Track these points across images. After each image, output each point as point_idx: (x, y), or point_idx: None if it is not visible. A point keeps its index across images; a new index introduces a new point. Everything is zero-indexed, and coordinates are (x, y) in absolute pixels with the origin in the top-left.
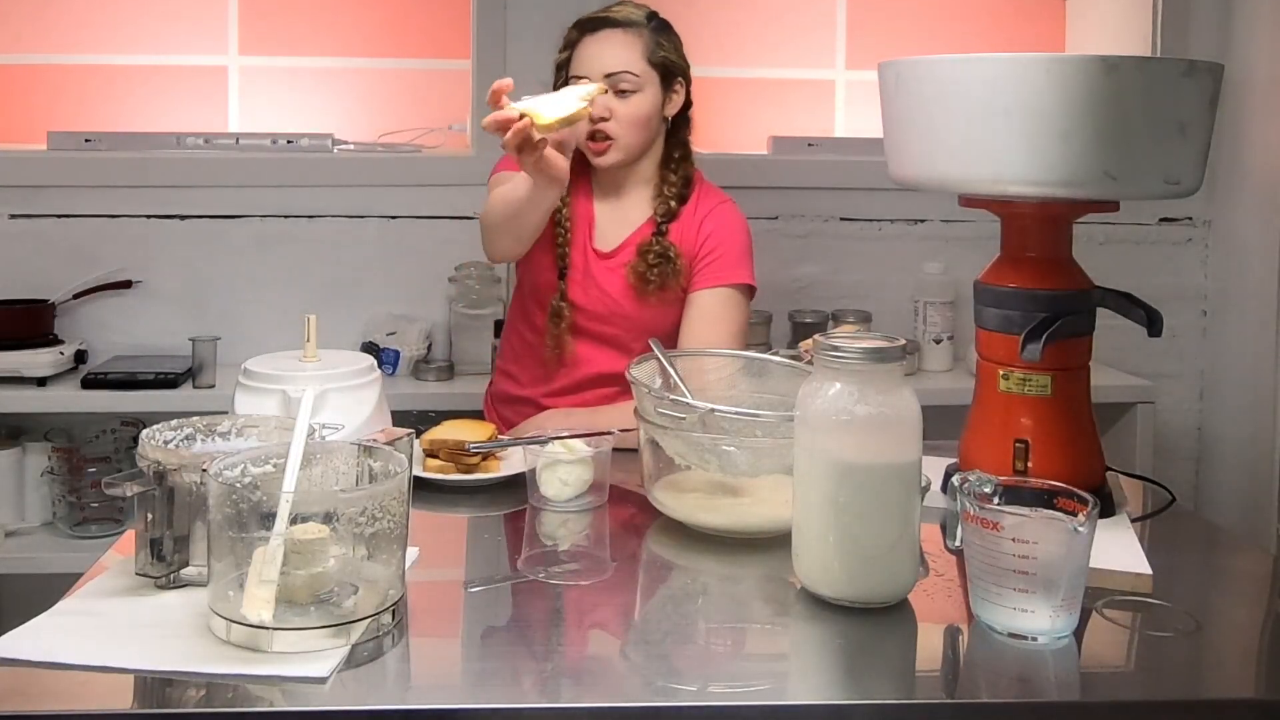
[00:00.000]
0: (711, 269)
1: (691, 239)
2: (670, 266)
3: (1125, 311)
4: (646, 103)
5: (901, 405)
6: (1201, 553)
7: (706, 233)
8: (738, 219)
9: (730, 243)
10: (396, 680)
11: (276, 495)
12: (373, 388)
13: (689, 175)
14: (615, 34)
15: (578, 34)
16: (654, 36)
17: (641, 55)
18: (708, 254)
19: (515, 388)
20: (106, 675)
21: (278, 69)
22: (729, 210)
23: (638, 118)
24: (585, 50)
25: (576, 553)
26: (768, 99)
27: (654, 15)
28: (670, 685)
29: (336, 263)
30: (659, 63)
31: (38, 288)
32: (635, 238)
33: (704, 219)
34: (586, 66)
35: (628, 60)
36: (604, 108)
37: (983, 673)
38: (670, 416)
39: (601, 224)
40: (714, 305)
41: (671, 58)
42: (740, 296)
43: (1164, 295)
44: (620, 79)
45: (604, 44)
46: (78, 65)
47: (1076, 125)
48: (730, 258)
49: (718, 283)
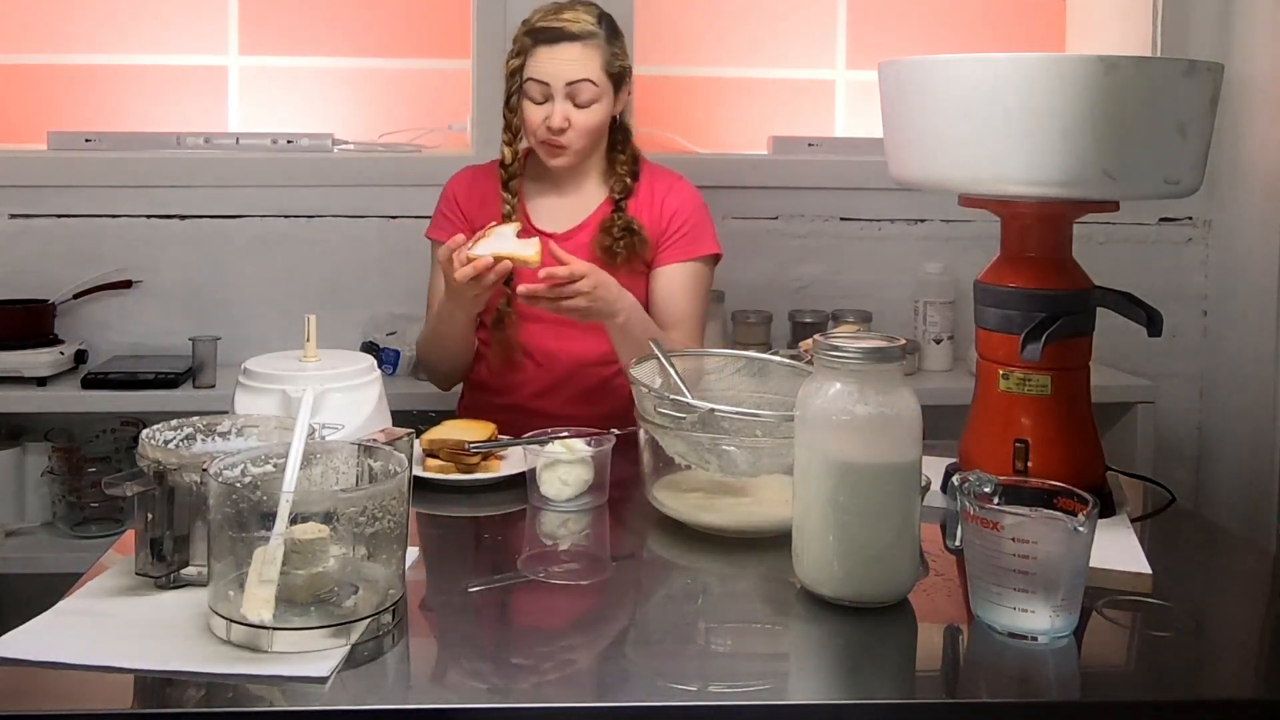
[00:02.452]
0: (680, 243)
1: (655, 215)
2: (635, 239)
3: (1125, 311)
4: (603, 111)
5: (901, 405)
6: (1201, 553)
7: (671, 209)
8: (695, 193)
9: (696, 217)
10: (396, 680)
11: (276, 495)
12: (373, 388)
13: (636, 154)
14: (574, 48)
15: (532, 42)
16: (609, 46)
17: (600, 67)
18: (676, 229)
19: (495, 397)
20: (106, 675)
21: (278, 69)
22: (685, 185)
23: (594, 126)
24: (544, 60)
25: (576, 553)
26: (768, 99)
27: (603, 17)
28: (670, 685)
29: (336, 263)
30: (615, 72)
31: (38, 288)
32: (594, 218)
33: (665, 196)
34: (548, 75)
35: (588, 71)
36: (563, 117)
37: (983, 673)
38: (670, 416)
39: (546, 213)
40: (684, 278)
41: (625, 64)
42: (707, 267)
43: (1164, 295)
44: (580, 89)
45: (564, 54)
46: (78, 65)
47: (1076, 125)
48: (697, 230)
49: (687, 256)
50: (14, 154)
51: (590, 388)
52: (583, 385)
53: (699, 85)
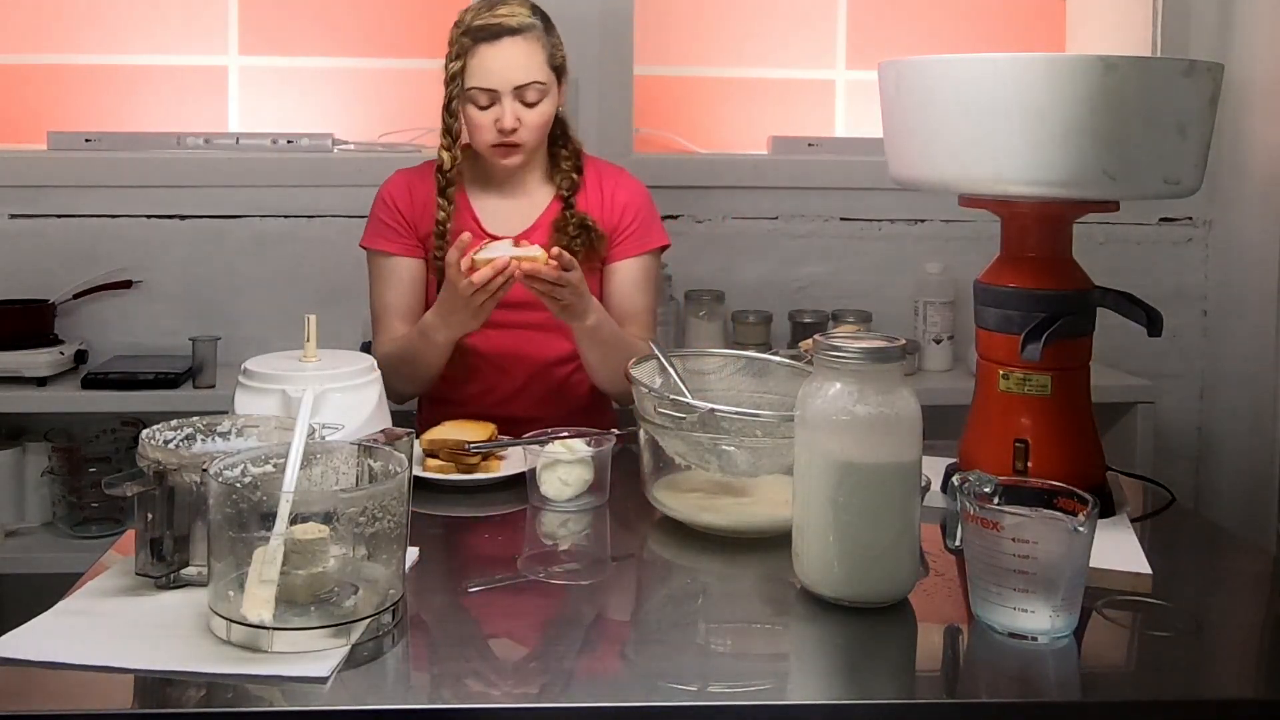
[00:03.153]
0: (634, 237)
1: (607, 210)
2: (593, 234)
3: (1125, 311)
4: (550, 107)
5: (901, 405)
6: (1201, 553)
7: (622, 203)
8: (641, 185)
9: (645, 210)
10: (396, 680)
11: (276, 495)
12: (373, 388)
13: (578, 149)
14: (517, 43)
15: (471, 42)
16: (548, 38)
17: (544, 62)
18: (628, 224)
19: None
20: (106, 675)
21: (278, 69)
22: (631, 179)
23: (544, 123)
24: (486, 60)
25: (576, 553)
26: (768, 99)
27: (536, 9)
28: (670, 685)
29: (336, 263)
30: (557, 66)
31: (38, 288)
32: (545, 218)
33: (614, 190)
34: (493, 79)
35: (533, 70)
36: (514, 117)
37: (983, 673)
38: (670, 416)
39: (494, 217)
40: (638, 272)
41: (563, 54)
42: (657, 259)
43: (1164, 295)
44: (528, 89)
45: (508, 54)
46: (78, 65)
47: (1076, 125)
48: (647, 223)
49: (642, 250)
50: (14, 154)
51: (551, 388)
52: (544, 387)
53: (699, 85)
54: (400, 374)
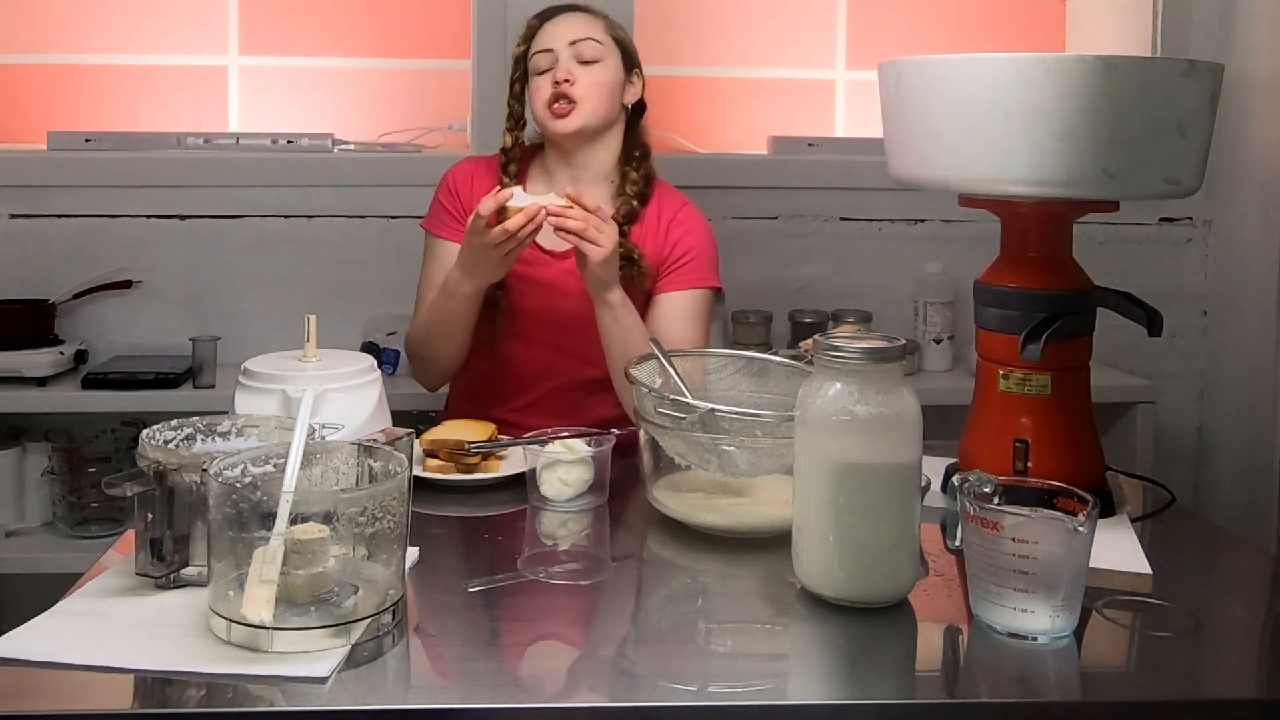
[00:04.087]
0: (682, 272)
1: (659, 242)
2: (635, 269)
3: (1125, 311)
4: (609, 72)
5: (901, 405)
6: (1201, 553)
7: (675, 237)
8: (704, 222)
9: (700, 246)
10: (396, 680)
11: (276, 495)
12: (373, 388)
13: (650, 175)
14: (575, 15)
15: (538, 22)
16: (610, 21)
17: (604, 29)
18: (679, 257)
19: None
20: (106, 675)
21: (278, 69)
22: (693, 213)
23: (601, 83)
24: (545, 31)
25: (576, 553)
26: (768, 99)
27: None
28: (670, 685)
29: (336, 263)
30: (619, 39)
31: (38, 288)
32: None
33: (670, 223)
34: (549, 40)
35: (590, 30)
36: (567, 71)
37: (983, 673)
38: (670, 416)
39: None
40: (684, 307)
41: (630, 41)
42: (710, 299)
43: (1164, 295)
44: (584, 46)
45: (565, 21)
46: (78, 65)
47: (1076, 125)
48: (701, 261)
49: (688, 285)
50: (14, 154)
51: (572, 406)
52: (566, 405)
53: (699, 85)
54: (428, 345)
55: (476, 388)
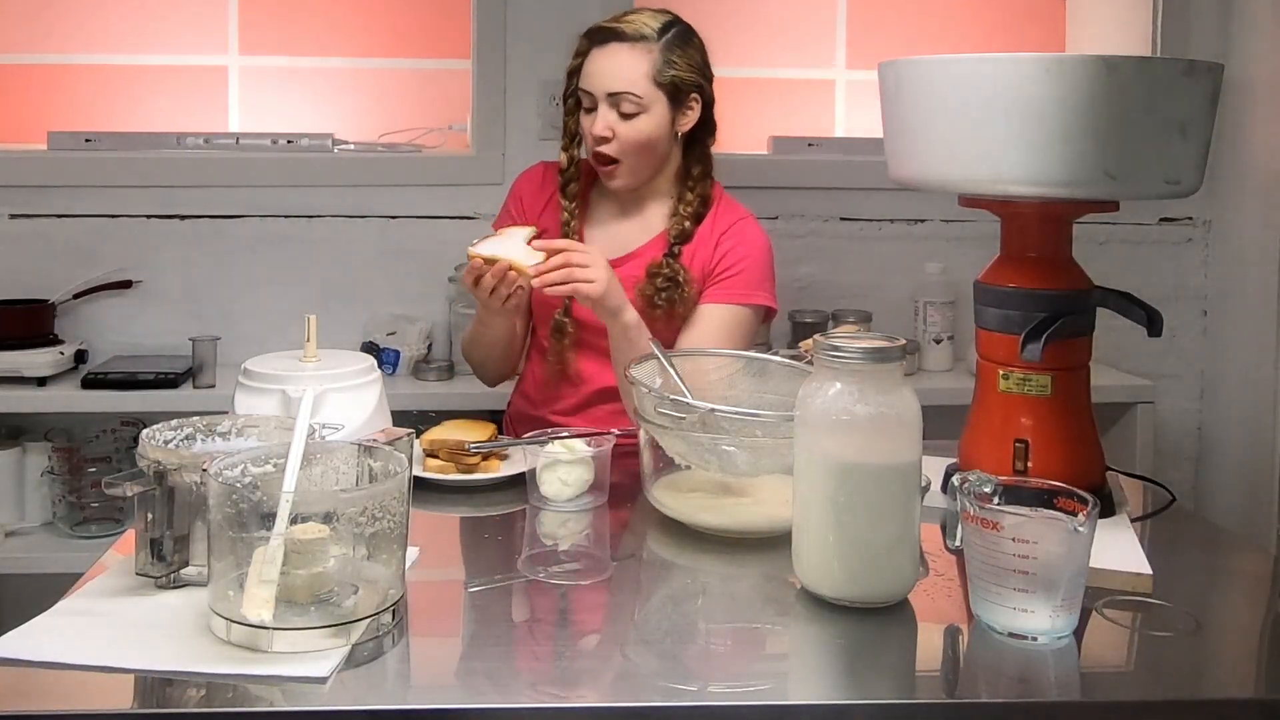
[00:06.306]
0: (724, 285)
1: (706, 256)
2: (679, 292)
3: (1125, 311)
4: (650, 124)
5: (901, 405)
6: (1201, 553)
7: (723, 251)
8: (759, 237)
9: (748, 261)
10: (396, 680)
11: (276, 495)
12: (373, 388)
13: (707, 194)
14: (622, 50)
15: (588, 44)
16: (664, 54)
17: (647, 75)
18: (724, 270)
19: (530, 407)
20: (106, 675)
21: (278, 69)
22: (748, 227)
23: (640, 140)
24: (591, 65)
25: (576, 553)
26: (768, 99)
27: (671, 25)
28: (670, 685)
29: (336, 263)
30: (667, 83)
31: (38, 288)
32: (647, 250)
33: (720, 237)
34: (591, 83)
35: (631, 80)
36: (605, 126)
37: (983, 673)
38: (670, 416)
39: (602, 232)
40: (719, 320)
41: (682, 75)
42: (752, 316)
43: (1164, 295)
44: (622, 99)
45: (609, 60)
46: (78, 65)
47: (1076, 125)
48: (746, 277)
49: (728, 300)
50: (14, 154)
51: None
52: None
53: None
54: (473, 357)
55: (534, 384)
